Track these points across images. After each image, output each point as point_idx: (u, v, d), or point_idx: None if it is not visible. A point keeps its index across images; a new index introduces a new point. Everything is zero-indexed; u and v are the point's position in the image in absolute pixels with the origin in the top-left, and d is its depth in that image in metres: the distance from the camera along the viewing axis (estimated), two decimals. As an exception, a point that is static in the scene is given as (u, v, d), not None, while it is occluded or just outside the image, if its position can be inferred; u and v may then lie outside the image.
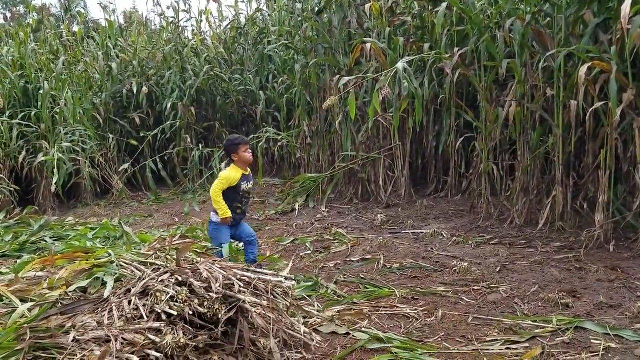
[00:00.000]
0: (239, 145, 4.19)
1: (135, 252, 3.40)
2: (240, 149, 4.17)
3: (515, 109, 5.00)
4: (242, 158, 4.19)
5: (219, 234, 4.28)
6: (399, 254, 4.75)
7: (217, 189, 4.15)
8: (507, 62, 4.83)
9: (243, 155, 4.18)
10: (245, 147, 4.20)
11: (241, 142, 4.22)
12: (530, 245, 4.71)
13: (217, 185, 4.15)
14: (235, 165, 4.22)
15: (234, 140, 4.29)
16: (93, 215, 8.38)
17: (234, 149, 4.19)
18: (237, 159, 4.19)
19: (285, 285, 2.86)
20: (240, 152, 4.17)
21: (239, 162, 4.20)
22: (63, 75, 9.69)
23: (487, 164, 5.58)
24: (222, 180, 4.17)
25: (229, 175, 4.19)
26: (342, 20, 7.29)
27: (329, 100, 4.93)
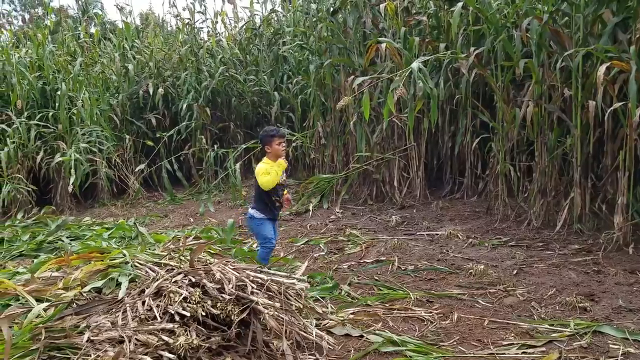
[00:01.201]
0: (273, 137, 4.15)
1: (149, 253, 3.41)
2: (274, 141, 4.14)
3: (533, 109, 4.93)
4: (275, 151, 4.16)
5: (263, 228, 4.27)
6: (413, 255, 4.71)
7: (262, 169, 4.10)
8: (524, 61, 4.76)
9: (276, 148, 4.15)
10: (279, 140, 4.17)
11: (276, 134, 4.18)
12: (548, 247, 4.64)
13: (264, 176, 4.08)
14: (267, 157, 4.20)
15: (269, 131, 4.25)
16: (110, 215, 8.46)
17: (268, 140, 4.17)
18: (270, 150, 4.17)
19: (298, 287, 2.85)
20: (274, 145, 4.14)
21: (271, 154, 4.17)
22: (80, 76, 9.79)
23: (503, 165, 5.51)
24: (262, 172, 4.09)
25: (264, 167, 4.14)
26: (357, 21, 7.26)
27: (342, 101, 4.90)
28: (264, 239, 4.28)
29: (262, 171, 4.11)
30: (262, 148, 4.27)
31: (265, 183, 4.08)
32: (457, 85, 6.87)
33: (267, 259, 4.47)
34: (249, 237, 6.13)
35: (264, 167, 4.13)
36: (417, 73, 4.98)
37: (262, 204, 4.25)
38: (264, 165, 4.14)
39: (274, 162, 4.18)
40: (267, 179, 4.06)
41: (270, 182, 4.06)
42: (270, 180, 4.06)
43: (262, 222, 4.26)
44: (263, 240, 4.30)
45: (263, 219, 4.25)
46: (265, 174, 4.09)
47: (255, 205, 4.33)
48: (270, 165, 4.13)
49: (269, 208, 4.25)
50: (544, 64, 5.09)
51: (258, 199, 4.28)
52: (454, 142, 6.98)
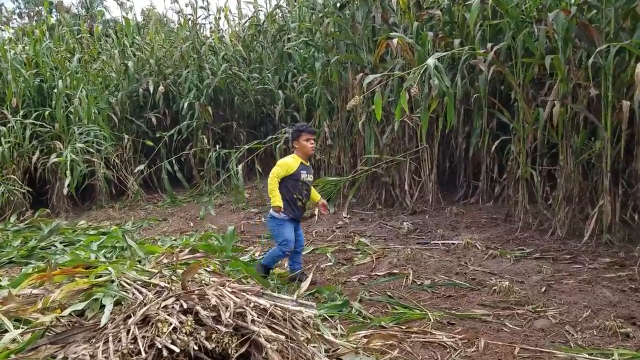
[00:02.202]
0: (301, 133, 4.05)
1: (139, 269, 3.06)
2: (302, 137, 4.04)
3: (558, 109, 4.54)
4: (303, 147, 4.06)
5: (282, 230, 4.09)
6: (429, 268, 4.34)
7: (274, 175, 4.01)
8: (550, 57, 4.38)
9: (304, 144, 4.04)
10: (308, 136, 4.05)
11: (305, 130, 4.09)
12: (576, 260, 4.26)
13: (274, 171, 4.02)
14: (295, 153, 4.11)
15: (299, 126, 4.19)
16: (107, 219, 8.12)
17: (297, 135, 4.07)
18: (298, 146, 4.08)
19: (305, 315, 2.48)
20: (302, 140, 4.04)
21: (299, 150, 4.09)
22: (78, 73, 9.46)
23: (525, 169, 5.13)
24: (279, 167, 4.04)
25: (287, 161, 4.06)
26: (366, 15, 6.89)
27: (352, 100, 4.54)
28: (282, 239, 4.10)
29: (283, 164, 4.03)
30: (291, 144, 4.16)
31: (272, 175, 3.99)
32: (472, 83, 6.51)
33: (276, 261, 4.28)
34: (252, 243, 5.78)
35: (287, 161, 4.06)
36: (433, 70, 4.61)
37: (283, 203, 4.02)
38: (289, 159, 4.07)
39: (300, 159, 4.08)
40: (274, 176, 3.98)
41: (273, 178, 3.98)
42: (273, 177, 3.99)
43: (282, 222, 4.08)
44: (282, 241, 4.11)
45: (284, 220, 4.07)
46: (284, 169, 3.99)
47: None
48: (295, 161, 4.05)
49: (290, 207, 4.08)
50: (570, 61, 4.71)
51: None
52: (468, 143, 6.61)
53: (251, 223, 6.85)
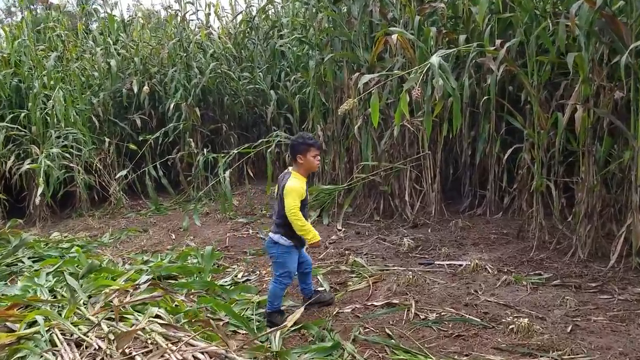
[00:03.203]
0: (310, 147, 3.45)
1: (80, 313, 2.50)
2: (310, 152, 3.45)
3: (581, 114, 3.98)
4: (309, 163, 3.48)
5: (287, 259, 3.54)
6: (433, 297, 3.78)
7: (296, 208, 3.36)
8: (573, 55, 3.81)
9: (311, 160, 3.47)
10: (316, 152, 3.50)
11: (314, 145, 3.49)
12: (603, 289, 3.70)
13: (293, 205, 3.36)
14: (297, 170, 3.49)
15: (307, 138, 3.52)
16: (85, 229, 7.56)
17: (303, 149, 3.44)
18: (303, 162, 3.46)
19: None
20: (309, 156, 3.45)
21: (302, 166, 3.49)
22: (57, 72, 8.88)
23: (540, 181, 4.57)
24: (294, 197, 3.38)
25: (298, 187, 3.42)
26: (362, 10, 6.31)
27: (346, 104, 3.97)
28: (284, 271, 3.53)
29: (295, 192, 3.39)
30: (291, 157, 3.55)
31: (293, 211, 3.35)
32: (479, 84, 5.95)
33: (281, 296, 3.64)
34: (236, 261, 5.22)
35: (297, 186, 3.41)
36: (437, 69, 4.05)
37: (289, 228, 3.45)
38: (298, 184, 3.42)
39: (304, 178, 3.51)
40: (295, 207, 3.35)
41: (296, 211, 3.36)
42: (296, 210, 3.36)
43: (288, 250, 3.52)
44: (282, 273, 3.53)
45: (291, 247, 3.52)
46: (298, 196, 3.38)
47: (278, 229, 3.53)
48: (303, 183, 3.47)
49: (296, 235, 3.48)
50: (594, 59, 4.14)
51: (284, 222, 3.47)
52: (473, 149, 6.05)
53: (238, 236, 6.29)
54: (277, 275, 3.56)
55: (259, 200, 8.24)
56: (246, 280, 4.54)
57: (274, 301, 3.58)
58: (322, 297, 3.84)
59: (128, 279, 3.86)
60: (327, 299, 3.85)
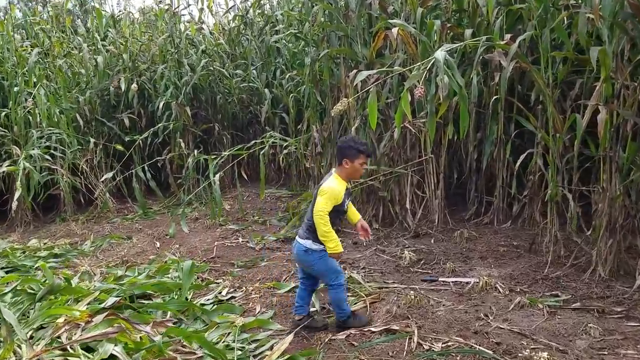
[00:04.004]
0: (359, 154, 3.23)
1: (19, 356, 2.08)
2: (359, 158, 3.24)
3: (604, 116, 3.56)
4: (355, 170, 3.28)
5: (327, 262, 3.30)
6: (438, 321, 3.36)
7: (324, 213, 3.15)
8: (596, 50, 3.39)
9: (358, 167, 3.27)
10: (365, 159, 3.30)
11: (364, 152, 3.26)
12: (629, 314, 3.28)
13: (323, 207, 3.16)
14: (340, 174, 3.27)
15: (358, 144, 3.27)
16: (66, 234, 7.14)
17: (352, 154, 3.23)
18: (349, 167, 3.25)
19: None
20: (357, 163, 3.24)
21: (347, 172, 3.27)
22: (39, 70, 8.45)
23: (555, 190, 4.14)
24: (328, 199, 3.17)
25: (336, 189, 3.21)
26: (360, 2, 5.88)
27: (340, 104, 3.55)
28: (333, 273, 3.31)
29: (330, 194, 3.18)
30: (338, 159, 3.31)
31: (322, 213, 3.13)
32: (485, 82, 5.53)
33: (346, 298, 3.40)
34: (222, 274, 4.80)
35: (335, 188, 3.20)
36: (442, 65, 3.62)
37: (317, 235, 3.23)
38: (336, 187, 3.21)
39: (345, 182, 3.29)
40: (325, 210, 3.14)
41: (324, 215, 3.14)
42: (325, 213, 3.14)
43: (323, 254, 3.28)
44: (331, 276, 3.31)
45: (323, 251, 3.27)
46: (332, 200, 3.16)
47: (309, 234, 3.30)
48: (342, 187, 3.24)
49: None
50: (617, 55, 3.72)
51: (313, 227, 3.23)
52: (480, 152, 5.63)
53: (226, 244, 5.86)
54: (330, 281, 3.32)
55: (252, 204, 7.83)
56: (231, 298, 4.12)
57: (341, 306, 3.36)
58: (313, 322, 3.48)
59: (95, 300, 3.44)
60: (320, 325, 3.46)
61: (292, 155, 7.87)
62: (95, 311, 3.01)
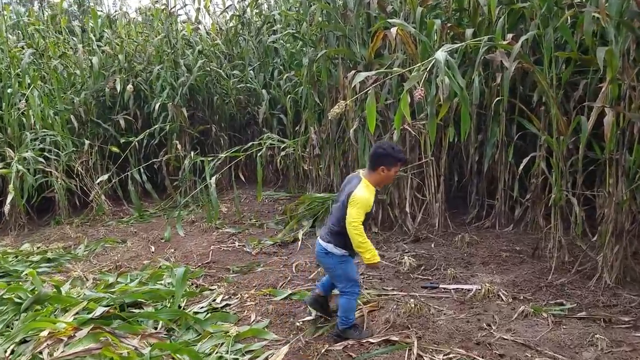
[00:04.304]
0: (397, 162, 3.22)
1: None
2: (395, 166, 3.22)
3: (611, 119, 3.44)
4: (388, 177, 3.24)
5: (347, 268, 3.28)
6: (439, 331, 3.24)
7: (358, 223, 3.09)
8: (603, 50, 3.27)
9: (390, 175, 3.23)
10: (400, 167, 3.32)
11: (402, 160, 3.27)
12: (637, 325, 3.16)
13: (357, 217, 3.09)
14: (370, 180, 3.20)
15: (396, 152, 3.22)
16: (60, 238, 7.01)
17: (389, 162, 3.17)
18: (384, 174, 3.19)
19: None
20: (392, 171, 3.21)
21: (379, 178, 3.21)
22: (33, 71, 8.33)
23: (559, 194, 4.02)
24: (360, 208, 3.10)
25: (367, 198, 3.14)
26: (359, 2, 5.77)
27: (337, 106, 3.43)
28: (348, 281, 3.27)
29: (363, 204, 3.10)
30: (372, 164, 3.21)
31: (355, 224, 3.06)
32: (487, 83, 5.41)
33: (355, 308, 3.34)
34: (217, 280, 4.68)
35: (366, 198, 3.12)
36: (443, 66, 3.51)
37: (342, 238, 3.19)
38: (367, 196, 3.13)
39: (374, 189, 3.22)
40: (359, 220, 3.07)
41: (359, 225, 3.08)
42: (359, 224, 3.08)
43: (345, 259, 3.28)
44: (347, 284, 3.27)
45: (346, 256, 3.27)
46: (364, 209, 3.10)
47: (330, 237, 3.27)
48: (372, 195, 3.18)
49: (351, 247, 3.19)
50: (624, 55, 3.60)
51: (339, 231, 3.21)
52: (481, 154, 5.51)
53: (223, 249, 5.74)
54: (343, 288, 3.29)
55: (250, 206, 7.71)
56: (225, 306, 4.00)
57: (349, 315, 3.29)
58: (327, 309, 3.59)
59: (84, 309, 3.32)
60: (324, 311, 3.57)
61: (290, 157, 7.75)
62: (82, 322, 2.89)
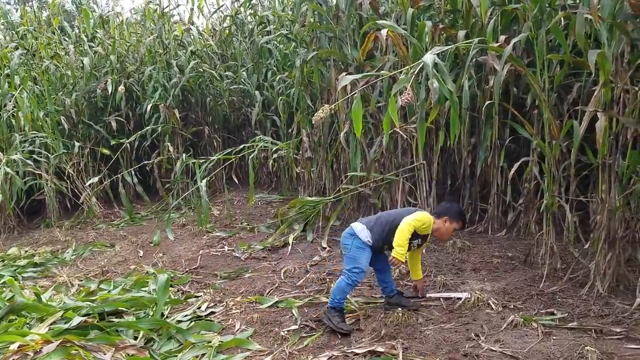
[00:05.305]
0: (460, 221, 3.56)
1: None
2: (457, 224, 3.54)
3: (603, 123, 3.36)
4: (447, 232, 3.54)
5: (361, 254, 3.47)
6: (426, 342, 3.15)
7: (410, 228, 3.35)
8: (595, 53, 3.18)
9: (450, 230, 3.53)
10: (460, 226, 3.61)
11: (464, 220, 3.70)
12: (630, 335, 3.06)
13: (413, 223, 3.36)
14: (435, 224, 3.49)
15: (462, 213, 3.65)
16: (49, 242, 6.95)
17: (454, 217, 3.51)
18: (445, 225, 3.50)
19: None
20: (452, 226, 3.51)
21: (440, 228, 3.50)
22: (24, 72, 8.24)
23: (551, 200, 3.94)
24: (421, 221, 3.40)
25: (430, 223, 3.46)
26: (351, 3, 5.68)
27: (321, 111, 3.33)
28: (355, 266, 3.44)
29: (425, 220, 3.43)
30: (440, 213, 3.54)
31: (407, 231, 3.32)
32: (479, 86, 5.32)
33: (347, 293, 3.50)
34: (204, 287, 4.59)
35: (430, 220, 3.46)
36: (431, 69, 3.42)
37: (380, 232, 3.47)
38: (420, 225, 3.40)
39: (426, 231, 3.47)
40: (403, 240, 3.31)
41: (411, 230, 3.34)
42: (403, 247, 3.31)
43: (364, 247, 3.47)
44: (352, 267, 3.44)
45: (367, 245, 3.47)
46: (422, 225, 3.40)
47: (369, 224, 3.52)
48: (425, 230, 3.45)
49: (379, 240, 3.47)
50: (617, 58, 3.51)
51: (384, 226, 3.48)
52: (474, 158, 5.42)
53: (212, 253, 5.66)
54: (347, 269, 3.45)
55: (242, 209, 7.62)
56: (210, 314, 3.92)
57: (338, 296, 3.44)
58: (405, 302, 3.66)
59: (62, 319, 3.23)
60: (410, 306, 3.63)
61: (283, 159, 7.66)
62: (57, 333, 2.80)
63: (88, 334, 3.00)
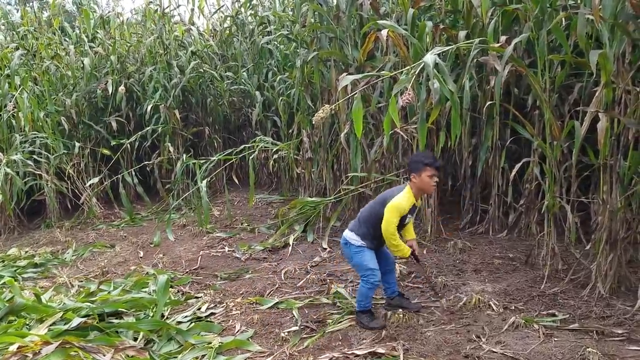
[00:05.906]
0: (424, 167, 3.31)
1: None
2: (424, 171, 3.31)
3: (605, 124, 3.34)
4: (422, 184, 3.33)
5: (363, 257, 3.46)
6: (427, 343, 3.14)
7: (393, 225, 3.31)
8: (596, 53, 3.16)
9: (426, 180, 3.32)
10: (433, 171, 3.33)
11: (429, 164, 3.33)
12: (631, 337, 3.05)
13: (391, 221, 3.30)
14: (412, 188, 3.36)
15: (423, 157, 3.39)
16: (49, 242, 6.93)
17: (417, 168, 3.33)
18: (417, 181, 3.34)
19: None
20: (423, 175, 3.32)
21: (418, 186, 3.35)
22: (25, 72, 8.23)
23: (552, 201, 3.92)
24: (393, 213, 3.31)
25: (402, 205, 3.33)
26: (351, 3, 5.67)
27: (321, 111, 3.32)
28: (365, 270, 3.43)
29: (397, 210, 3.31)
30: (407, 174, 3.44)
31: (391, 230, 3.30)
32: (480, 86, 5.31)
33: (370, 297, 3.48)
34: (205, 287, 4.58)
35: (402, 205, 3.32)
36: (432, 69, 3.41)
37: (366, 232, 3.46)
38: (404, 203, 3.32)
39: (414, 197, 3.37)
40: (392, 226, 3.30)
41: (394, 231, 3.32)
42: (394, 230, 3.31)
43: (360, 250, 3.47)
44: (364, 272, 3.44)
45: (362, 247, 3.47)
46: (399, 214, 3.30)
47: (355, 228, 3.52)
48: (408, 202, 3.33)
49: (371, 241, 3.47)
50: (618, 59, 3.50)
51: (366, 225, 3.47)
52: (475, 158, 5.41)
53: (212, 254, 5.65)
54: (360, 275, 3.49)
55: (242, 210, 7.62)
56: (210, 315, 3.91)
57: (362, 301, 3.47)
58: (406, 303, 3.66)
59: (62, 320, 3.22)
60: (411, 307, 3.62)
61: (284, 160, 7.65)
62: (57, 334, 2.79)
63: (88, 335, 2.99)
